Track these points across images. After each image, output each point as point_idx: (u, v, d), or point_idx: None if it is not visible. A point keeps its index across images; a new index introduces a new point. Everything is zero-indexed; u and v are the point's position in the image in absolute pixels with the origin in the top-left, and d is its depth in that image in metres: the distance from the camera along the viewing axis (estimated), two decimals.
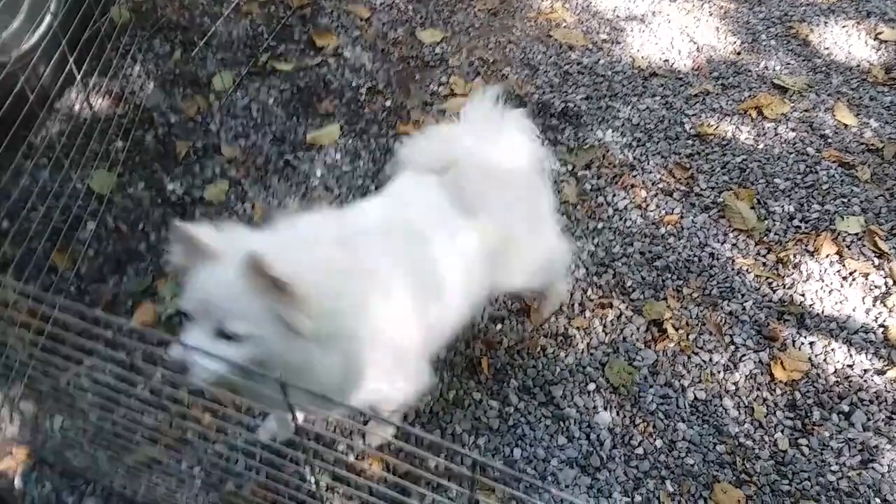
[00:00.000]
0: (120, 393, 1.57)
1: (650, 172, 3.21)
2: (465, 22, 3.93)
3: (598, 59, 3.78)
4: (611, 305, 2.70)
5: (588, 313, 2.68)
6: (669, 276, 2.82)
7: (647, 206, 3.06)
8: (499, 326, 2.64)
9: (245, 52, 3.57)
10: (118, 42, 3.14)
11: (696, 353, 2.59)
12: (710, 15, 4.12)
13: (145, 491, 2.13)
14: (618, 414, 2.42)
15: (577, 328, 2.64)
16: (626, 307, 2.70)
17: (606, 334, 2.62)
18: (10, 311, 1.67)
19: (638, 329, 2.64)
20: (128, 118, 3.10)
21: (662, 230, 2.98)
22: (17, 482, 2.17)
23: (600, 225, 2.99)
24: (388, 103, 3.48)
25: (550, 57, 3.77)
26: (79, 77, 2.80)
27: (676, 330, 2.64)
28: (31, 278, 2.55)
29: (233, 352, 1.37)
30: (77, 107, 3.12)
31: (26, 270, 2.52)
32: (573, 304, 2.69)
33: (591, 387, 2.47)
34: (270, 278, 1.31)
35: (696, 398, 2.48)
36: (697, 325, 2.67)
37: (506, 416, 2.38)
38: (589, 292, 2.74)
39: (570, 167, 3.22)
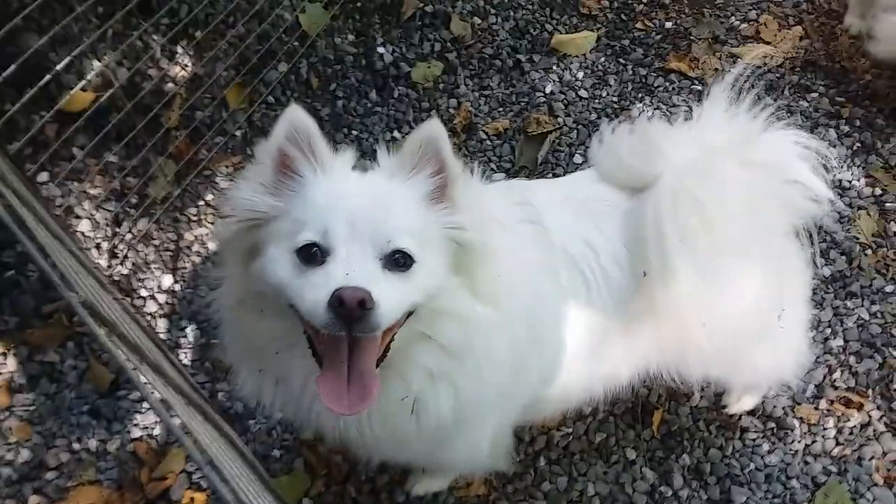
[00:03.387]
0: None
1: None
2: None
3: None
4: (860, 407, 1.93)
5: (823, 404, 1.93)
6: None
7: None
8: None
9: None
10: None
11: None
12: None
13: None
14: None
15: (801, 419, 1.91)
16: (882, 418, 1.92)
17: (839, 445, 1.88)
18: None
19: (885, 456, 1.87)
20: None
21: None
22: None
23: (890, 287, 2.14)
24: (668, 24, 2.70)
25: None
26: None
27: None
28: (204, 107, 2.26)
29: (404, 289, 1.03)
30: None
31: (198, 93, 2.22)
32: (807, 386, 1.95)
33: None
34: (443, 160, 1.07)
35: None
36: None
37: (658, 499, 1.79)
38: (836, 376, 1.98)
39: (877, 191, 2.32)
